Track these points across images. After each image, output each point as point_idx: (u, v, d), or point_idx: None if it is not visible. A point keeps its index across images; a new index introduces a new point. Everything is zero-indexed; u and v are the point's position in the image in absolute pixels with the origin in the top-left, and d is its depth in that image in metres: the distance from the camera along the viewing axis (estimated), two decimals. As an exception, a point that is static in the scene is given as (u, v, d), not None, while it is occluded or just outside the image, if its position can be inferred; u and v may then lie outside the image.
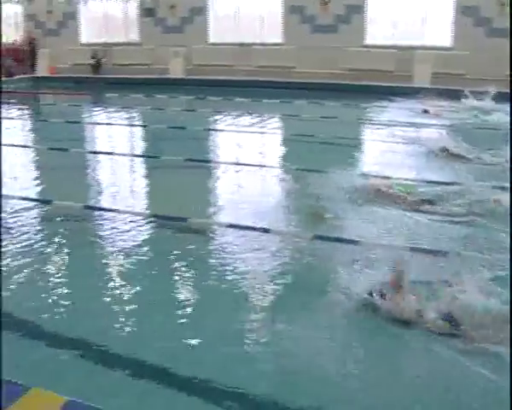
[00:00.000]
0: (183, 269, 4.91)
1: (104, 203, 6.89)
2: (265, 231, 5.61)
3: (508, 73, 14.36)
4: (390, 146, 9.68)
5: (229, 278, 4.68)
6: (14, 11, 23.71)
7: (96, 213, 6.45)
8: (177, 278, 4.78)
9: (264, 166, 8.61)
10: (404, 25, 18.13)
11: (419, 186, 6.93)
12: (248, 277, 4.69)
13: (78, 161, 9.12)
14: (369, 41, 18.23)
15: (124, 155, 9.67)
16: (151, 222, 6.07)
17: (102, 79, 20.31)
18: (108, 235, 5.72)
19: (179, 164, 8.41)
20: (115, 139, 11.74)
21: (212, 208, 6.63)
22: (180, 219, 5.96)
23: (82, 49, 21.77)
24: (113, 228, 5.90)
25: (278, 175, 8.16)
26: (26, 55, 22.95)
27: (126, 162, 9.33)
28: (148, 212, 6.47)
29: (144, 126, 12.70)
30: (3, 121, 13.91)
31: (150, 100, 15.99)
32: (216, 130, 12.08)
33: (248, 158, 9.13)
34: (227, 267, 4.86)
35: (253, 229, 5.66)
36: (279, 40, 19.24)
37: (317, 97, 15.22)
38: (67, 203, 6.51)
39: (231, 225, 5.80)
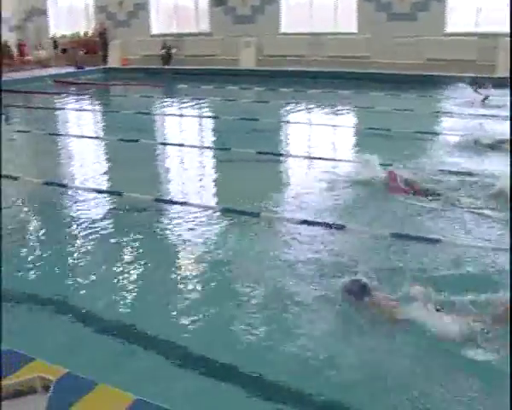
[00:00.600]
0: (256, 265, 4.85)
1: (174, 196, 6.94)
2: (340, 227, 5.49)
3: None
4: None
5: (302, 275, 4.59)
6: (85, 3, 24.39)
7: (166, 205, 6.50)
8: (250, 274, 4.71)
9: (338, 160, 8.45)
10: (488, 11, 17.42)
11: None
12: (321, 274, 4.58)
13: (148, 153, 9.24)
14: (449, 29, 17.66)
15: (194, 146, 9.73)
16: (222, 216, 6.06)
17: (173, 70, 20.59)
18: (178, 228, 5.74)
19: (250, 157, 8.38)
20: (185, 131, 11.87)
21: (285, 203, 6.56)
22: (252, 214, 5.92)
23: (152, 41, 22.14)
24: (182, 222, 5.92)
25: (351, 170, 7.97)
26: (97, 46, 23.61)
27: (196, 154, 9.39)
28: (218, 205, 6.47)
29: (215, 118, 12.76)
30: (76, 113, 14.35)
31: (221, 91, 16.07)
32: (288, 122, 12.00)
33: (321, 151, 8.99)
34: (301, 265, 4.78)
35: (328, 226, 5.55)
36: (353, 29, 18.92)
37: (393, 89, 14.89)
38: (138, 196, 6.59)
39: (304, 221, 5.71)
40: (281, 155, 8.70)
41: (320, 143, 9.87)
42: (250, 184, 7.23)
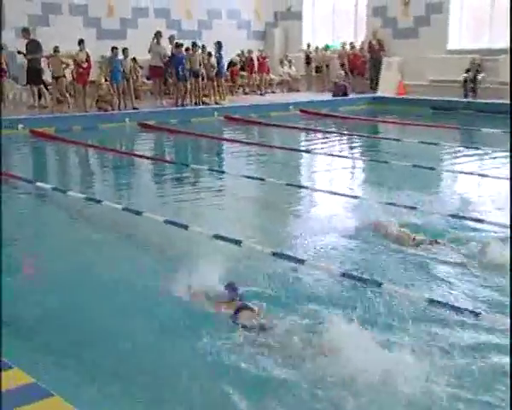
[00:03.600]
0: None
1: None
2: None
3: None
4: None
5: None
6: (354, 2, 25.32)
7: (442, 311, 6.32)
8: None
9: None
10: None
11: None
12: None
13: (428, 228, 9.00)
14: None
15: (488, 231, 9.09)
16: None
17: (478, 105, 20.35)
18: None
19: None
20: (479, 200, 11.27)
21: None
22: None
23: (449, 59, 22.23)
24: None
25: None
26: (365, 65, 24.29)
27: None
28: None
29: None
30: (327, 157, 14.87)
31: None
32: None
33: None
34: None
35: None
36: None
37: None
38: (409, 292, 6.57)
39: None
40: None
41: None
42: None
